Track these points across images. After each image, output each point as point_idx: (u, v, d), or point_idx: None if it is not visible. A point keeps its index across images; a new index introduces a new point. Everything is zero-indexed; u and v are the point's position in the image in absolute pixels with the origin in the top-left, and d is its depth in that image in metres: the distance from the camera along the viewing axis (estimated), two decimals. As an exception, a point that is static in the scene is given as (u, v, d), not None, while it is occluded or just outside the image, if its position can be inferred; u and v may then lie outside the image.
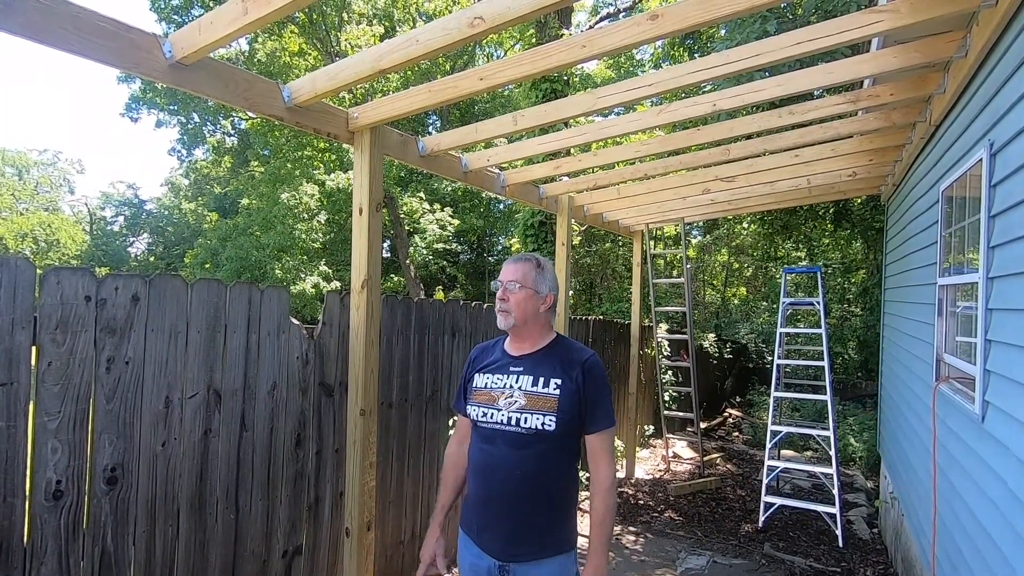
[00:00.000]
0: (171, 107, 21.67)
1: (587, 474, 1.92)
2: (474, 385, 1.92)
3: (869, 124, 3.60)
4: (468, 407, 1.91)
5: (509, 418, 1.79)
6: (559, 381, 1.78)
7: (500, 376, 1.87)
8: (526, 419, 1.76)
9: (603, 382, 1.81)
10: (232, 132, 24.17)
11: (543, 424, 1.74)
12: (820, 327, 5.69)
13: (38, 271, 1.88)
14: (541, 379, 1.80)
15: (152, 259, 29.08)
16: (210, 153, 25.70)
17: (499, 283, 1.92)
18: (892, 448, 4.71)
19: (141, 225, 32.26)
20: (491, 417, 1.82)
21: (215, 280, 2.42)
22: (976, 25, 2.28)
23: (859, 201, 8.43)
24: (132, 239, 32.35)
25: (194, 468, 2.34)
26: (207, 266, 18.03)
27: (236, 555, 2.50)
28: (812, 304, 6.28)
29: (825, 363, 5.49)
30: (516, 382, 1.83)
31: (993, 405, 2.11)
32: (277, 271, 16.05)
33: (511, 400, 1.81)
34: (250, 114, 18.71)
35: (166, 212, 32.06)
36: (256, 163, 21.17)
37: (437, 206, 17.37)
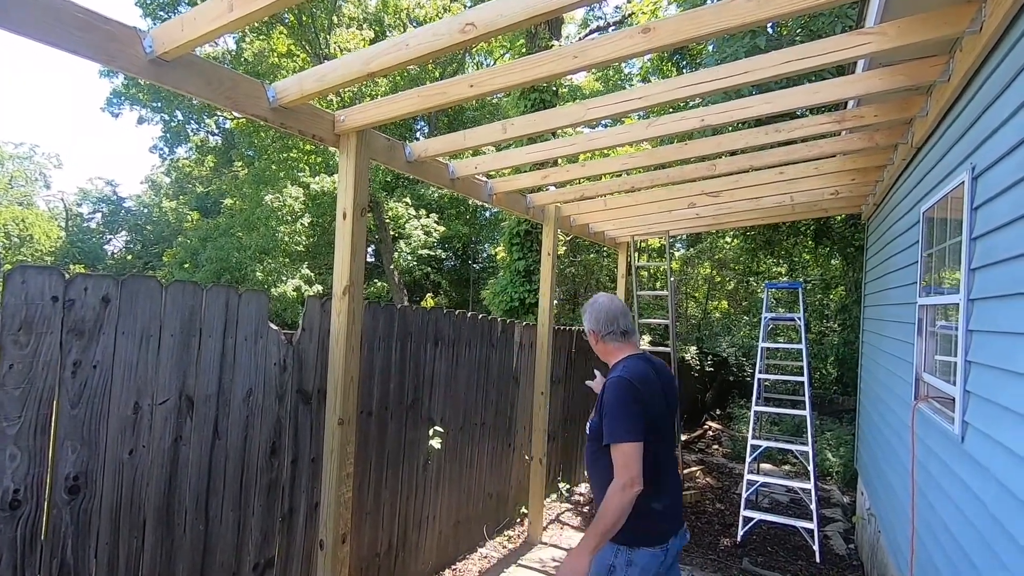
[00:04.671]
0: (154, 104, 21.35)
1: None
2: None
3: (853, 144, 3.65)
4: None
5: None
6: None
7: None
8: (588, 427, 2.17)
9: (610, 400, 2.01)
10: (216, 131, 23.88)
11: (588, 429, 2.16)
12: (800, 342, 5.75)
13: (6, 266, 1.80)
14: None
15: (130, 258, 28.48)
16: (193, 152, 25.34)
17: None
18: (870, 465, 4.75)
19: (119, 223, 31.61)
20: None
21: (191, 282, 2.34)
22: (960, 50, 2.32)
23: (839, 219, 8.56)
24: (109, 237, 31.68)
25: (163, 477, 2.25)
26: (186, 266, 17.72)
27: (204, 567, 2.41)
28: (793, 319, 6.35)
29: (805, 378, 5.53)
30: None
31: (972, 426, 2.12)
32: (258, 273, 15.82)
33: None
34: (235, 114, 18.53)
35: (145, 210, 31.46)
36: (240, 163, 20.90)
37: (423, 212, 17.30)
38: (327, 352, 2.87)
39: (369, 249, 20.50)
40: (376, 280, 20.35)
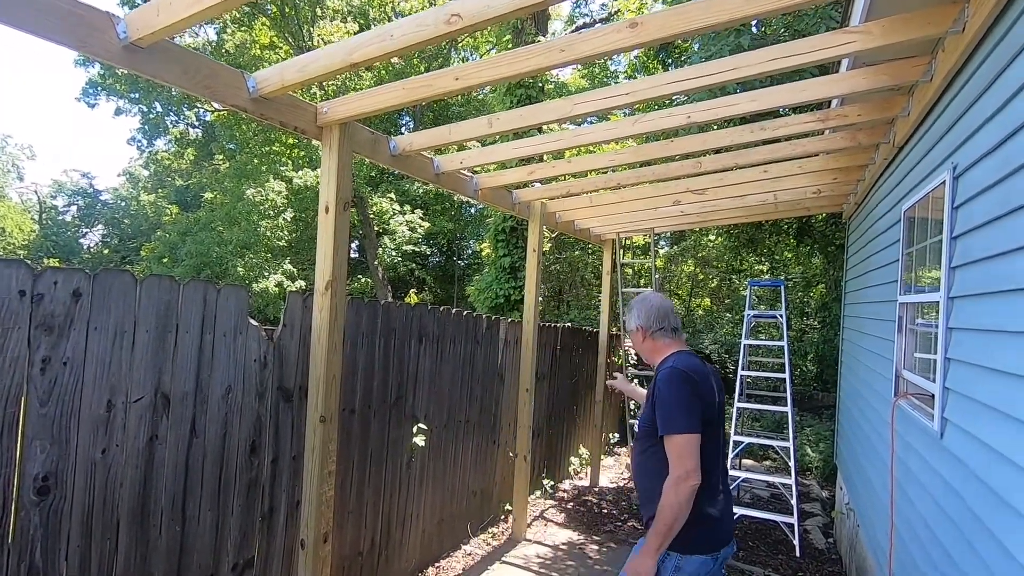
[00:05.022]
0: (132, 95, 20.87)
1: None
2: None
3: (836, 143, 3.68)
4: None
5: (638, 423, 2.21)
6: (649, 393, 2.12)
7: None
8: (638, 424, 2.17)
9: (664, 391, 1.98)
10: (196, 124, 23.42)
11: (636, 427, 2.18)
12: (782, 339, 5.81)
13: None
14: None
15: (106, 252, 27.86)
16: (172, 144, 24.82)
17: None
18: (849, 460, 4.82)
19: (95, 216, 30.90)
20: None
21: (167, 277, 2.28)
22: (942, 51, 2.34)
23: (820, 218, 8.67)
24: (85, 230, 30.96)
25: (137, 477, 2.19)
26: (165, 261, 17.40)
27: (181, 569, 2.35)
28: (775, 317, 6.42)
29: (786, 375, 5.59)
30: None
31: (952, 422, 2.15)
32: (239, 268, 15.58)
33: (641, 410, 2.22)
34: (215, 105, 18.16)
35: (123, 203, 30.80)
36: (221, 157, 20.55)
37: (407, 208, 17.18)
38: (309, 349, 2.82)
39: (353, 245, 20.32)
40: (360, 276, 20.18)
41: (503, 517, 5.06)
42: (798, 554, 4.73)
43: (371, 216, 17.38)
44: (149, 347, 2.21)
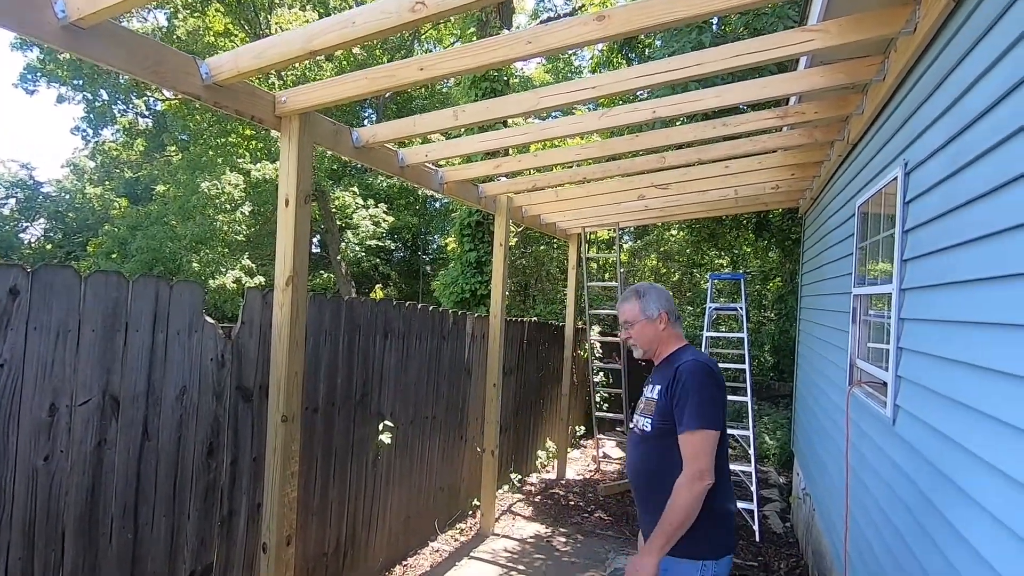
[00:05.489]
0: (75, 81, 19.78)
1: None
2: None
3: (793, 140, 3.78)
4: None
5: (636, 420, 2.11)
6: (661, 387, 1.99)
7: (646, 387, 2.15)
8: (640, 421, 2.07)
9: (691, 385, 1.88)
10: (146, 113, 22.43)
11: (644, 426, 2.02)
12: (742, 331, 5.96)
13: None
14: (654, 387, 2.05)
15: (50, 247, 26.39)
16: (121, 134, 23.68)
17: (620, 327, 2.20)
18: (806, 447, 5.00)
19: (36, 209, 29.19)
20: (633, 420, 2.16)
21: (115, 273, 2.16)
22: (895, 51, 2.42)
23: (778, 213, 8.94)
24: (26, 225, 29.22)
25: (84, 483, 2.08)
26: (114, 256, 16.61)
27: (133, 579, 2.25)
28: (735, 309, 6.58)
29: (746, 365, 5.75)
30: (647, 391, 2.11)
31: (903, 409, 2.24)
32: (195, 264, 15.01)
33: (640, 406, 2.12)
34: (167, 94, 17.41)
35: (67, 196, 29.18)
36: (173, 148, 19.71)
37: (371, 202, 16.87)
38: (269, 346, 2.73)
39: (315, 240, 19.85)
40: (323, 272, 19.74)
41: (471, 513, 5.04)
42: (758, 539, 4.88)
43: (333, 210, 17.00)
44: (96, 347, 2.09)
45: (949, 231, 1.87)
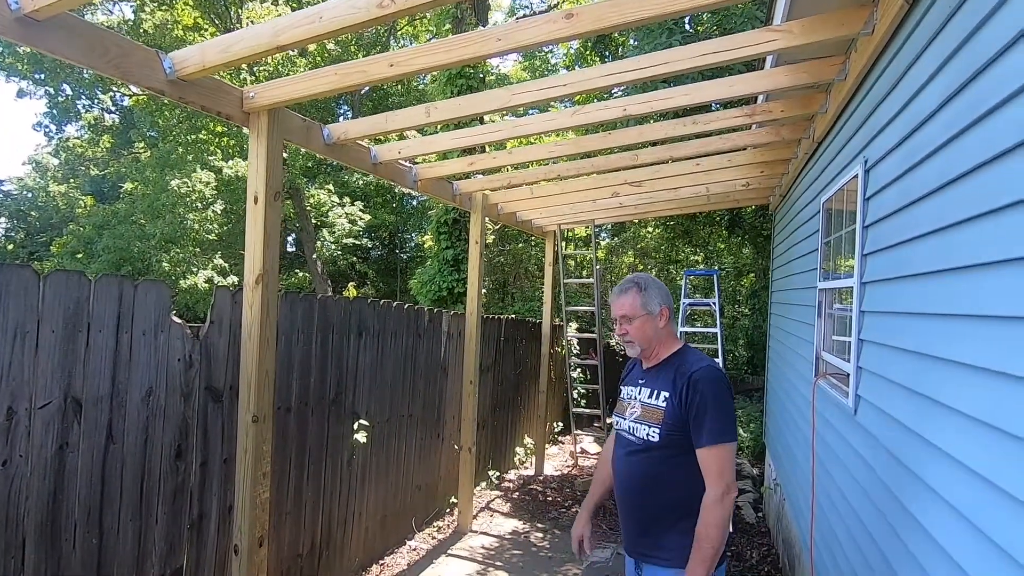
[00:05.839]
0: (36, 75, 19.09)
1: None
2: (619, 396, 2.12)
3: (761, 138, 3.86)
4: (613, 414, 2.14)
5: (629, 427, 1.97)
6: (667, 394, 1.86)
7: (632, 388, 2.04)
8: (639, 429, 1.92)
9: (710, 396, 1.77)
10: (113, 109, 21.77)
11: (648, 435, 1.88)
12: (716, 326, 6.08)
13: None
14: (655, 392, 1.91)
15: (11, 247, 25.46)
16: (85, 131, 22.95)
17: (614, 319, 2.03)
18: (776, 439, 5.11)
19: (-4, 208, 28.17)
20: (620, 425, 2.04)
21: (76, 272, 2.11)
22: (855, 51, 2.49)
23: (750, 210, 9.11)
24: (-15, 224, 28.18)
25: (46, 488, 2.02)
26: (79, 256, 16.11)
27: (99, 585, 2.20)
28: (709, 305, 6.70)
29: (720, 360, 5.86)
30: (639, 394, 1.98)
31: (864, 399, 2.32)
32: (165, 264, 14.65)
33: (633, 411, 1.98)
34: (133, 89, 16.93)
35: (29, 195, 28.18)
36: (141, 145, 19.18)
37: (347, 200, 16.68)
38: (239, 346, 2.69)
39: (289, 238, 19.55)
40: (298, 270, 19.46)
41: (448, 510, 5.04)
42: (731, 529, 4.97)
43: (308, 208, 16.77)
44: (56, 348, 2.04)
45: (905, 226, 1.93)
